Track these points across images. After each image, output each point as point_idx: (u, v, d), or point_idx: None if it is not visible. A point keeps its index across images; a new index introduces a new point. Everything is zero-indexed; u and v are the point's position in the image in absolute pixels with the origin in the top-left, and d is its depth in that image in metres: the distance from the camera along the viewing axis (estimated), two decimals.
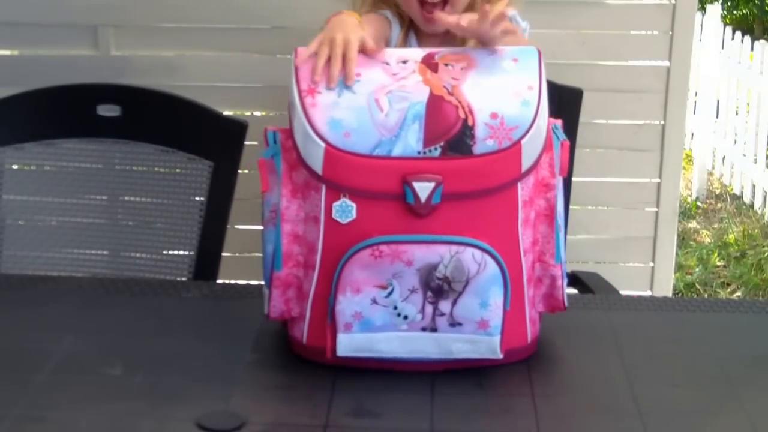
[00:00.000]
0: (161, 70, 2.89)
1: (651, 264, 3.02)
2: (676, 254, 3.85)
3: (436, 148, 1.52)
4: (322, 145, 1.53)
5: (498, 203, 1.55)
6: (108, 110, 2.26)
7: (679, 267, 4.76)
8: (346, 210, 1.53)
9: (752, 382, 1.59)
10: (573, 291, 2.37)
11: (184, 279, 2.23)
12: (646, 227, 3.00)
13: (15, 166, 2.29)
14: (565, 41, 2.91)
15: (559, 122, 1.64)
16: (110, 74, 2.83)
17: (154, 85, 2.35)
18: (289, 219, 1.59)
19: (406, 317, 1.55)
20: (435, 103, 1.55)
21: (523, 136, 1.54)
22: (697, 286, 4.72)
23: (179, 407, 1.47)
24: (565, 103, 2.29)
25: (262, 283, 1.71)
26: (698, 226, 5.51)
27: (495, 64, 1.63)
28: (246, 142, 2.24)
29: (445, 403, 1.49)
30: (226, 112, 2.34)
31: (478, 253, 1.52)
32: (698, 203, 5.87)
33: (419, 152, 1.52)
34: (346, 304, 1.54)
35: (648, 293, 3.00)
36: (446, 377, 1.57)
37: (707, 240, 5.30)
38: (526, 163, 1.55)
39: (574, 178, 2.42)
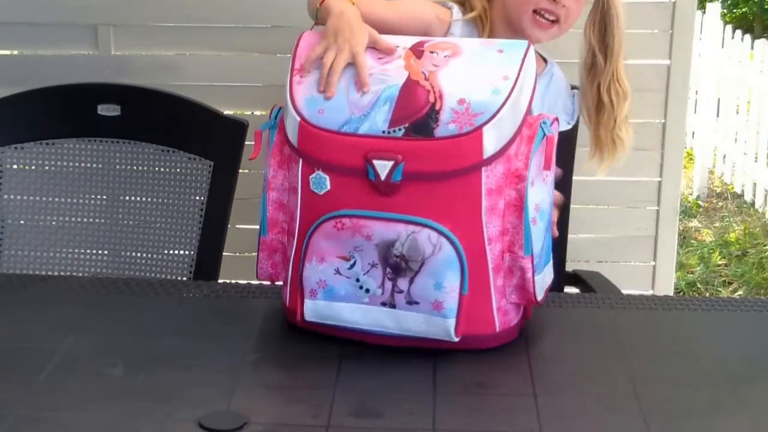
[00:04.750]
0: (161, 69, 2.89)
1: (652, 263, 3.01)
2: (678, 253, 3.84)
3: (400, 129, 1.58)
4: (298, 119, 1.62)
5: (460, 188, 1.57)
6: (108, 110, 2.26)
7: (680, 266, 4.76)
8: (320, 182, 1.61)
9: (754, 381, 1.59)
10: (575, 290, 2.38)
11: (184, 279, 2.23)
12: (647, 226, 3.00)
13: (15, 166, 2.28)
14: (565, 40, 2.89)
15: (550, 118, 1.64)
16: (110, 74, 2.83)
17: (154, 85, 2.35)
18: (275, 188, 1.69)
19: (367, 290, 1.61)
20: (409, 87, 1.61)
21: (485, 123, 1.56)
22: (699, 285, 4.72)
23: (180, 407, 1.47)
24: None
25: (263, 282, 1.80)
26: (699, 225, 5.51)
27: (479, 53, 1.66)
28: (246, 142, 2.24)
29: (446, 403, 1.49)
30: (226, 112, 2.34)
31: (434, 234, 1.56)
32: (699, 202, 5.87)
33: (384, 132, 1.58)
34: (312, 272, 1.61)
35: (649, 292, 3.00)
36: (448, 376, 1.57)
37: (708, 239, 5.30)
38: (488, 150, 1.57)
39: (574, 177, 2.42)
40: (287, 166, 1.67)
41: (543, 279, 1.67)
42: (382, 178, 1.56)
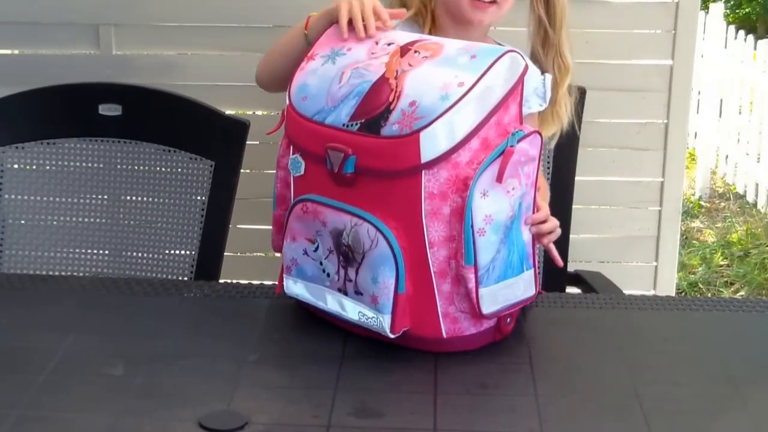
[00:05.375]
0: (162, 69, 2.88)
1: (654, 263, 3.00)
2: (679, 253, 3.84)
3: (356, 124, 1.61)
4: (287, 103, 1.71)
5: (402, 188, 1.59)
6: (109, 109, 2.25)
7: (682, 266, 4.75)
8: (296, 165, 1.70)
9: (756, 381, 1.59)
10: (576, 291, 2.37)
11: (185, 279, 2.23)
12: (649, 226, 2.99)
13: (16, 166, 2.28)
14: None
15: (525, 129, 1.61)
16: (111, 73, 2.82)
17: (155, 85, 2.35)
18: (282, 167, 1.76)
19: (328, 274, 1.67)
20: (379, 84, 1.63)
21: (423, 128, 1.56)
22: (701, 286, 4.71)
23: (181, 407, 1.46)
24: None
25: (264, 282, 1.87)
26: (701, 225, 5.51)
27: (453, 57, 1.65)
28: (248, 142, 2.23)
29: (448, 403, 1.49)
30: (227, 112, 2.34)
31: (372, 229, 1.59)
32: (701, 202, 5.86)
33: (343, 125, 1.63)
34: (288, 249, 1.72)
35: (651, 292, 2.99)
36: (449, 376, 1.56)
37: (710, 239, 5.30)
38: (427, 154, 1.56)
39: (577, 177, 2.42)
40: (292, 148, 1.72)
41: (496, 292, 1.62)
42: (335, 169, 1.61)
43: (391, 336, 1.60)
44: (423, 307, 1.62)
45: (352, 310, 1.64)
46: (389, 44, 1.70)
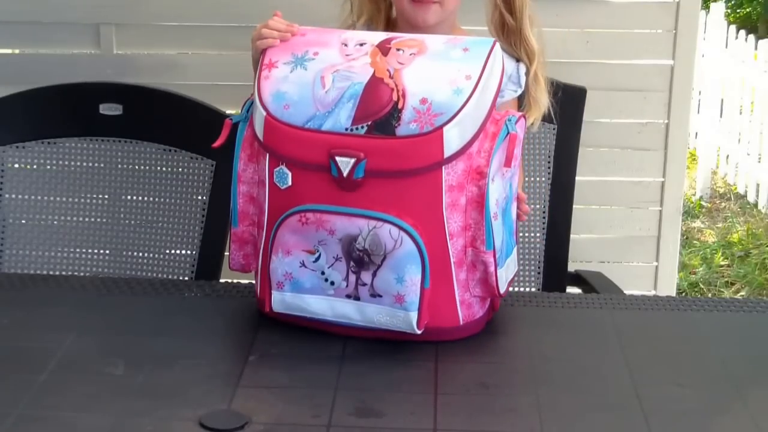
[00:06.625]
0: (163, 68, 2.88)
1: (655, 263, 3.01)
2: (680, 253, 3.84)
3: (362, 127, 1.60)
4: (264, 114, 1.65)
5: (421, 185, 1.59)
6: (110, 109, 2.25)
7: (682, 266, 4.75)
8: (283, 176, 1.64)
9: (756, 382, 1.58)
10: (577, 290, 2.37)
11: (186, 278, 2.23)
12: (650, 226, 3.00)
13: (17, 165, 2.28)
14: (569, 40, 2.90)
15: (516, 115, 1.66)
16: (112, 73, 2.83)
17: (156, 84, 2.35)
18: (245, 181, 1.72)
19: (332, 283, 1.64)
20: (373, 85, 1.62)
21: (445, 123, 1.58)
22: (701, 286, 4.71)
23: (181, 407, 1.46)
24: (568, 101, 2.28)
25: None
26: (702, 226, 5.50)
27: (444, 52, 1.66)
28: None
29: (448, 403, 1.49)
30: (228, 111, 2.34)
31: (395, 230, 1.58)
32: (702, 202, 5.86)
33: (347, 129, 1.60)
34: (278, 264, 1.65)
35: (652, 293, 3.00)
36: (449, 376, 1.56)
37: (711, 239, 5.29)
38: (449, 149, 1.58)
39: (577, 177, 2.41)
40: (256, 160, 1.70)
41: (505, 272, 1.69)
42: (345, 174, 1.59)
43: (418, 332, 1.61)
44: (441, 298, 1.63)
45: (364, 314, 1.63)
46: (361, 44, 1.68)
